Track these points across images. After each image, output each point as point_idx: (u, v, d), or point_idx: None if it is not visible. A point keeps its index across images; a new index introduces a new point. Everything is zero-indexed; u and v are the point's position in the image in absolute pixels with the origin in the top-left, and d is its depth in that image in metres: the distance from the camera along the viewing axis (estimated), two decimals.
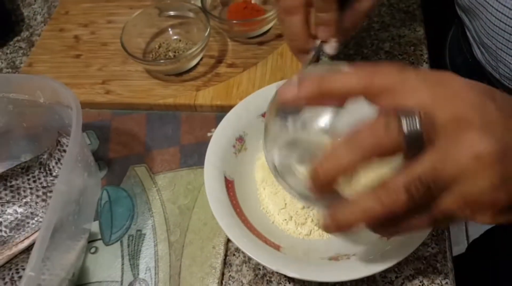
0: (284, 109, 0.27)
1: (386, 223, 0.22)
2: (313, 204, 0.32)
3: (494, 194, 0.20)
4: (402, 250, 0.29)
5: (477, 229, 1.01)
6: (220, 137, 0.37)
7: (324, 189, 0.23)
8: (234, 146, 0.37)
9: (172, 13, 0.47)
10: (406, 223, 0.23)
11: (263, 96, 0.38)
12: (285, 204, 0.36)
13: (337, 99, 0.23)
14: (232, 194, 0.35)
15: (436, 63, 0.52)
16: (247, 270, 0.35)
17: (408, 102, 0.20)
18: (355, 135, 0.21)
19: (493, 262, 0.70)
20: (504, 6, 0.34)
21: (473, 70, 0.44)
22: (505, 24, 0.35)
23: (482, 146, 0.19)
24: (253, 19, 0.45)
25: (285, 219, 0.35)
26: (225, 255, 0.36)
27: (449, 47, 0.51)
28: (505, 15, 0.34)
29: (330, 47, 0.32)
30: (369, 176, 0.33)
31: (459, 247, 0.98)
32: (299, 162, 0.28)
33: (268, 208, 0.36)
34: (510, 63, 0.37)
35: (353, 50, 0.47)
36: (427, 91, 0.20)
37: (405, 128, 0.20)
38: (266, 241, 0.32)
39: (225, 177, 0.35)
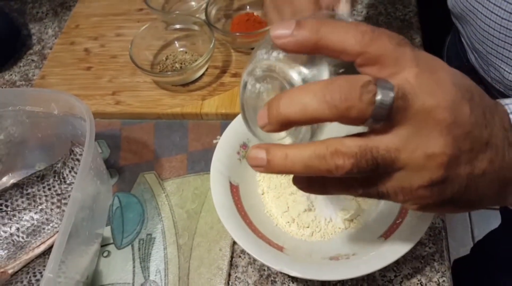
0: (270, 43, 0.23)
1: (317, 182, 0.22)
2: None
3: (428, 191, 0.21)
4: (399, 249, 0.31)
5: (482, 231, 1.02)
6: (225, 145, 0.38)
7: (272, 127, 0.21)
8: (238, 153, 0.39)
9: (178, 26, 0.49)
10: (336, 186, 0.22)
11: None
12: (288, 207, 0.37)
13: (327, 54, 0.21)
14: (237, 198, 0.37)
15: None
16: (253, 271, 0.37)
17: (392, 79, 0.20)
18: (329, 86, 0.19)
19: (495, 264, 0.70)
20: (492, 13, 0.35)
21: (468, 74, 0.46)
22: (494, 29, 0.36)
23: (440, 148, 0.20)
24: (255, 31, 0.47)
25: (288, 222, 0.37)
26: (231, 257, 0.37)
27: (447, 52, 0.52)
28: (493, 21, 0.36)
29: (343, 6, 0.31)
30: None
31: (465, 248, 0.99)
32: (266, 95, 0.24)
33: (271, 211, 0.38)
34: (500, 66, 0.39)
35: None
36: (414, 73, 0.20)
37: (378, 98, 0.19)
38: (269, 242, 0.34)
39: (230, 183, 0.37)
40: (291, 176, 0.39)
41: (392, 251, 0.31)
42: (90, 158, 0.34)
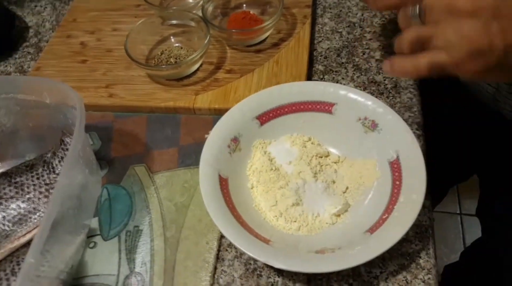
0: None
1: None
2: None
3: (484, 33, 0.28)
4: (384, 243, 0.31)
5: (474, 236, 1.01)
6: (216, 138, 0.39)
7: None
8: (229, 146, 0.39)
9: (174, 22, 0.50)
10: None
11: (257, 100, 0.41)
12: (276, 201, 0.37)
13: None
14: (226, 191, 0.37)
15: None
16: (239, 265, 0.36)
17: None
18: None
19: (481, 271, 0.70)
20: None
21: None
22: None
23: None
24: (251, 28, 0.48)
25: (276, 216, 0.37)
26: (218, 250, 0.37)
27: None
28: None
29: None
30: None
31: (457, 255, 0.98)
32: None
33: (260, 205, 0.38)
34: None
35: (345, 59, 0.49)
36: None
37: (410, 12, 0.33)
38: (256, 235, 0.34)
39: (220, 175, 0.37)
40: (280, 170, 0.39)
41: (377, 246, 0.31)
42: (79, 146, 0.34)
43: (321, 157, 0.40)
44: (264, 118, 0.41)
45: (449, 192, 0.84)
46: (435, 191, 0.79)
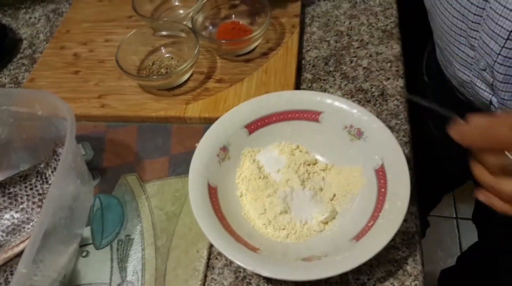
0: None
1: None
2: None
3: None
4: (369, 251, 0.32)
5: (470, 241, 1.02)
6: (205, 147, 0.39)
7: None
8: (218, 155, 0.40)
9: (165, 33, 0.50)
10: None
11: (246, 109, 0.41)
12: (265, 209, 0.38)
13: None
14: (215, 200, 0.37)
15: (415, 71, 0.55)
16: (228, 273, 0.37)
17: None
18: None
19: (478, 276, 0.71)
20: (446, 10, 0.37)
21: (441, 71, 0.47)
22: (447, 26, 0.38)
23: None
24: (240, 39, 0.49)
25: (264, 224, 0.38)
26: (208, 259, 0.38)
27: (427, 53, 0.54)
28: (447, 18, 0.37)
29: None
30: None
31: (453, 259, 0.99)
32: None
33: (249, 213, 0.38)
34: (452, 62, 0.40)
35: (333, 67, 0.50)
36: None
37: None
38: (245, 244, 0.34)
39: (209, 184, 0.38)
40: (269, 178, 0.40)
41: (362, 253, 0.32)
42: (70, 157, 0.35)
43: (309, 164, 0.41)
44: (253, 126, 0.42)
45: (444, 196, 0.84)
46: (429, 197, 0.79)
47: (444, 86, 0.47)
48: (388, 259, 0.36)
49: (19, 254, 0.39)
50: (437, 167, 0.62)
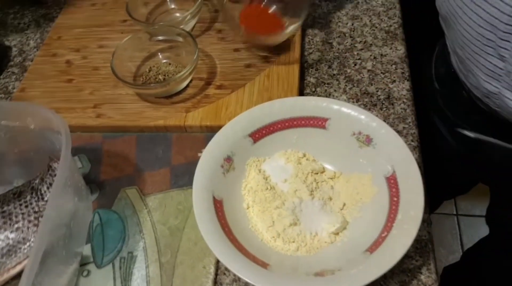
0: None
1: None
2: None
3: None
4: (384, 264, 0.30)
5: (471, 238, 1.02)
6: (208, 158, 0.38)
7: None
8: (222, 166, 0.38)
9: (161, 37, 0.48)
10: None
11: (250, 117, 0.40)
12: (273, 222, 0.37)
13: None
14: (221, 214, 0.36)
15: (424, 74, 0.54)
16: None
17: None
18: None
19: (485, 272, 0.70)
20: (471, 19, 0.36)
21: (453, 79, 0.46)
22: (471, 36, 0.37)
23: None
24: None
25: (273, 237, 0.36)
26: (216, 274, 0.36)
27: (436, 58, 0.53)
28: (471, 27, 0.36)
29: None
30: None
31: (454, 256, 0.99)
32: None
33: (256, 226, 0.37)
34: (476, 73, 0.39)
35: (336, 70, 0.48)
36: None
37: None
38: (254, 259, 0.33)
39: (214, 197, 0.36)
40: (276, 189, 0.38)
41: (377, 266, 0.30)
42: (65, 174, 0.33)
43: (317, 173, 0.39)
44: (257, 135, 0.40)
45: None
46: (432, 200, 0.78)
47: (459, 94, 0.46)
48: (402, 269, 0.35)
49: (16, 277, 0.37)
50: (445, 174, 0.61)
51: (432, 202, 0.78)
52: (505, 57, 0.34)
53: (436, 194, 0.75)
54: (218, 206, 0.36)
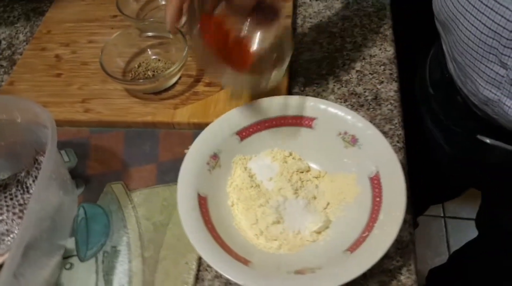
0: None
1: None
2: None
3: None
4: (363, 263, 0.31)
5: (458, 240, 1.03)
6: (194, 155, 0.38)
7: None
8: (208, 163, 0.38)
9: (151, 33, 0.49)
10: None
11: (237, 115, 0.40)
12: (256, 219, 0.37)
13: None
14: (205, 210, 0.36)
15: (418, 77, 0.54)
16: (219, 285, 0.36)
17: None
18: None
19: (472, 274, 0.71)
20: (473, 26, 0.35)
21: (448, 84, 0.46)
22: (473, 43, 0.36)
23: None
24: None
25: (256, 234, 0.36)
26: (198, 270, 0.37)
27: (430, 62, 0.52)
28: (473, 34, 0.35)
29: None
30: None
31: (441, 258, 1.00)
32: None
33: (240, 223, 0.37)
34: (476, 80, 0.38)
35: (326, 70, 0.49)
36: None
37: None
38: (236, 256, 0.33)
39: (199, 194, 0.36)
40: (261, 187, 0.38)
41: (357, 266, 0.31)
42: (50, 168, 0.33)
43: (302, 172, 0.40)
44: (244, 133, 0.40)
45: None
46: (421, 203, 0.79)
47: (454, 100, 0.45)
48: (381, 269, 0.36)
49: None
50: (437, 178, 0.61)
51: (420, 205, 0.79)
52: (507, 65, 0.34)
53: (425, 198, 0.75)
54: (202, 202, 0.36)
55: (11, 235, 0.38)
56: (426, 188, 0.65)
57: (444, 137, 0.51)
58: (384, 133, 0.43)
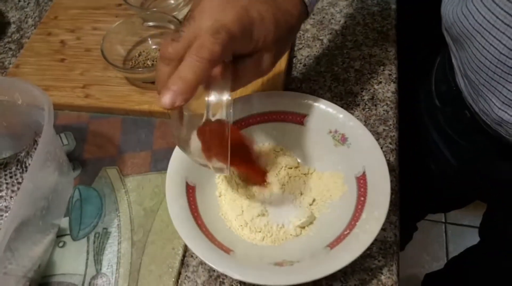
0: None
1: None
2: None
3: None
4: (341, 260, 0.31)
5: (457, 247, 1.02)
6: None
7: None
8: None
9: (153, 23, 0.49)
10: None
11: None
12: (242, 211, 0.38)
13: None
14: (192, 199, 0.37)
15: (423, 88, 0.52)
16: (203, 271, 0.37)
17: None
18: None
19: (471, 281, 0.70)
20: (491, 45, 0.34)
21: (456, 98, 0.44)
22: (490, 62, 0.34)
23: None
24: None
25: (241, 225, 0.37)
26: (183, 256, 0.38)
27: (436, 72, 0.50)
28: (491, 54, 0.34)
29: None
30: None
31: (438, 264, 0.99)
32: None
33: (226, 214, 0.38)
34: (490, 99, 0.37)
35: (324, 68, 0.49)
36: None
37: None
38: (219, 245, 0.34)
39: (187, 183, 0.37)
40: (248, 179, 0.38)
41: (333, 262, 0.31)
42: (46, 149, 0.35)
43: (291, 168, 0.40)
44: (237, 126, 0.41)
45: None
46: (421, 209, 0.77)
47: (462, 114, 0.44)
48: (363, 267, 0.36)
49: None
50: (441, 189, 0.60)
51: (417, 211, 0.78)
52: None
53: (424, 206, 0.74)
54: (190, 191, 0.37)
55: (9, 212, 0.40)
56: (425, 197, 0.64)
57: (450, 150, 0.50)
58: (378, 134, 0.44)
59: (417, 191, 0.60)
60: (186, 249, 0.38)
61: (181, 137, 0.33)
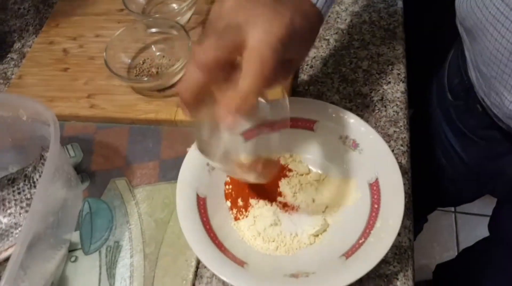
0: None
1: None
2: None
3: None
4: (358, 270, 0.31)
5: (467, 236, 1.02)
6: (194, 155, 0.38)
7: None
8: (207, 164, 0.39)
9: (156, 29, 0.48)
10: None
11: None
12: (254, 221, 0.37)
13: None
14: (203, 211, 0.36)
15: (436, 81, 0.52)
16: (217, 283, 0.37)
17: None
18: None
19: (484, 271, 0.70)
20: (504, 37, 0.33)
21: (468, 92, 0.44)
22: (502, 55, 0.34)
23: None
24: None
25: (254, 235, 0.37)
26: (197, 268, 0.38)
27: (449, 66, 0.50)
28: (503, 46, 0.33)
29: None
30: None
31: (449, 253, 0.99)
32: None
33: (238, 224, 0.38)
34: (502, 93, 0.36)
35: (331, 69, 0.48)
36: None
37: None
38: (232, 257, 0.34)
39: (197, 194, 0.37)
40: (259, 189, 0.38)
41: (350, 273, 0.31)
42: (54, 166, 0.34)
43: (302, 175, 0.40)
44: (247, 135, 0.40)
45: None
46: (430, 205, 0.77)
47: (474, 108, 0.43)
48: (378, 273, 0.36)
49: (7, 259, 0.39)
50: (452, 185, 0.59)
51: (427, 207, 0.77)
52: None
53: (434, 201, 0.74)
54: (201, 203, 0.37)
55: (19, 228, 0.40)
56: (436, 192, 0.64)
57: (461, 145, 0.49)
58: (389, 136, 0.43)
59: (428, 186, 0.59)
60: (199, 260, 0.38)
61: (206, 141, 0.33)
